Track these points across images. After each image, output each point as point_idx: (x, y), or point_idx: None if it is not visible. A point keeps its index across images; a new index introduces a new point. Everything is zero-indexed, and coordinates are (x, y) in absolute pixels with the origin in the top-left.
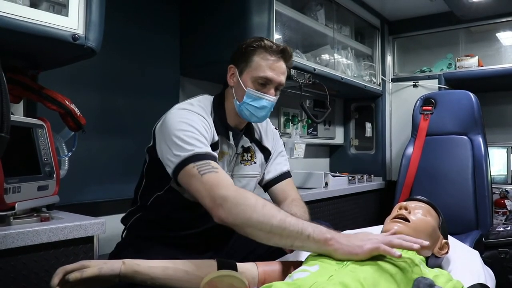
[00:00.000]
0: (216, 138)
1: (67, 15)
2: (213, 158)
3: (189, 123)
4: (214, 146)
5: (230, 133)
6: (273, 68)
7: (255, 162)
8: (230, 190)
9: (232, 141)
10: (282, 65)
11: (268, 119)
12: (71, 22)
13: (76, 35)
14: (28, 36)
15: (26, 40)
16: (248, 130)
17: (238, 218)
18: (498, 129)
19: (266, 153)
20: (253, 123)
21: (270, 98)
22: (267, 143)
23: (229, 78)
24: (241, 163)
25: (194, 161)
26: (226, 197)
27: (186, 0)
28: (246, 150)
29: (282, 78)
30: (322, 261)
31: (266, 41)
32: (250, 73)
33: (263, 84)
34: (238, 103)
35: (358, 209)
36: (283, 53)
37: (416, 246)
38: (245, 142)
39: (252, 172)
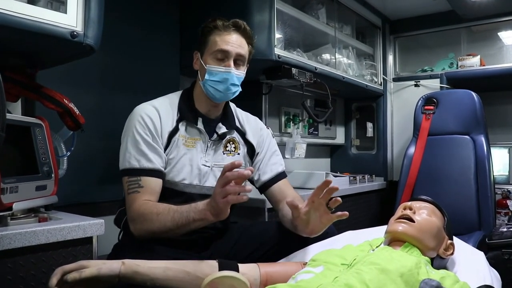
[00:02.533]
0: (174, 125)
1: (65, 12)
2: (147, 173)
3: (145, 126)
4: (172, 132)
5: (200, 119)
6: (228, 41)
7: (238, 154)
8: (136, 210)
9: (201, 127)
10: (237, 37)
11: (257, 118)
12: (70, 19)
13: (75, 32)
14: (26, 33)
15: (23, 37)
16: (226, 118)
17: (147, 233)
18: (500, 129)
19: (249, 148)
20: (234, 113)
21: (228, 70)
22: (251, 138)
23: (194, 64)
24: (223, 153)
25: (129, 175)
26: (134, 218)
27: None
28: (230, 140)
29: (240, 50)
30: (326, 262)
31: (218, 21)
32: (208, 52)
33: (221, 58)
34: (202, 82)
35: (359, 210)
36: (236, 26)
37: (247, 172)
38: (220, 128)
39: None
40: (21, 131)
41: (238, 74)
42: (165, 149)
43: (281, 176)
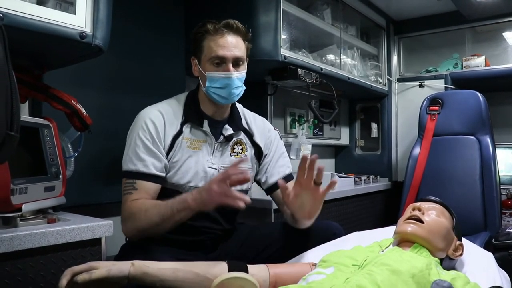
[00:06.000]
0: (178, 128)
1: (74, 13)
2: (142, 177)
3: (146, 130)
4: (176, 135)
5: (205, 122)
6: (223, 45)
7: (245, 155)
8: (126, 210)
9: (207, 129)
10: (231, 38)
11: (265, 119)
12: (79, 20)
13: (84, 33)
14: (35, 34)
15: (32, 38)
16: (233, 120)
17: (135, 232)
18: (504, 129)
19: (257, 150)
20: (241, 114)
21: (228, 75)
22: (258, 140)
23: (193, 70)
24: (231, 155)
25: (126, 177)
26: (125, 217)
27: None
28: (238, 142)
29: (236, 52)
30: (337, 263)
31: (208, 24)
32: (205, 59)
33: (219, 63)
34: (204, 89)
35: (364, 210)
36: (228, 27)
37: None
38: (227, 130)
39: (242, 165)
40: (30, 132)
41: (239, 75)
42: (169, 152)
43: (288, 178)
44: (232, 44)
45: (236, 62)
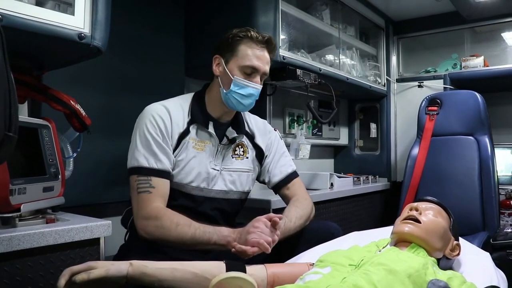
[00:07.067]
0: (185, 126)
1: (73, 14)
2: (157, 173)
3: (156, 126)
4: (183, 134)
5: (211, 123)
6: (259, 58)
7: (247, 158)
8: (152, 213)
9: (212, 131)
10: (266, 55)
11: (266, 121)
12: (77, 21)
13: (82, 34)
14: (34, 35)
15: (31, 39)
16: (236, 123)
17: (158, 238)
18: (503, 129)
19: (258, 151)
20: (243, 117)
21: (256, 86)
22: (259, 142)
23: (215, 68)
24: (232, 157)
25: (138, 173)
26: (148, 220)
27: (191, 0)
28: (239, 144)
29: (267, 68)
30: (334, 263)
31: (252, 32)
32: (236, 62)
33: (250, 73)
34: (225, 91)
35: (363, 210)
36: (268, 43)
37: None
38: (231, 133)
39: (243, 167)
40: (29, 133)
41: (260, 88)
42: (174, 150)
43: (291, 176)
44: (266, 60)
45: (261, 77)
